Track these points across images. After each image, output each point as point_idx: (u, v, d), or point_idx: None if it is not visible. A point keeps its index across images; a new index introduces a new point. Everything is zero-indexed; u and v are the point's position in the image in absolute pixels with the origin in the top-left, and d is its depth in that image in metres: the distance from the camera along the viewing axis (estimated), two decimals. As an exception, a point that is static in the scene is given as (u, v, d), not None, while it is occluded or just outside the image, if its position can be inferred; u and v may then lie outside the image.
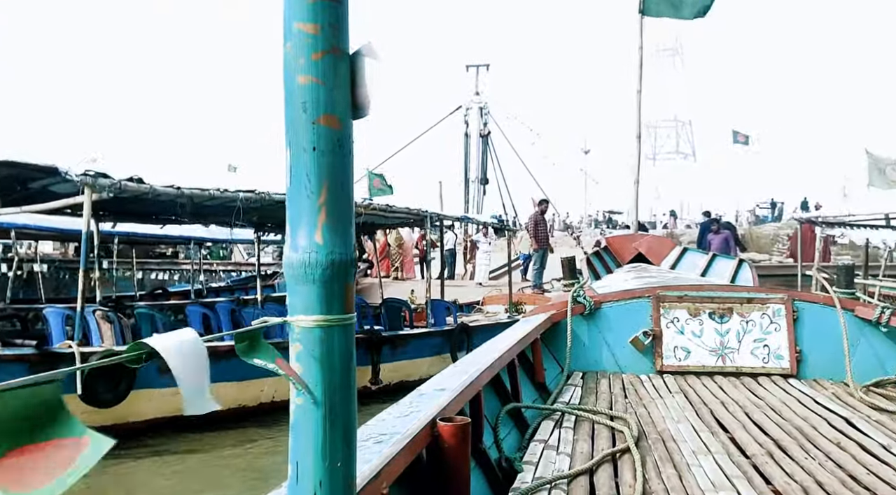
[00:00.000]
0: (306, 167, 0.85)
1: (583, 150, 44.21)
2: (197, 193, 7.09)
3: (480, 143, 30.03)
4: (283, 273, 3.98)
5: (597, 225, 42.78)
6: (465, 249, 21.58)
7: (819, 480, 2.31)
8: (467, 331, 9.45)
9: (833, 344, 3.98)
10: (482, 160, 30.11)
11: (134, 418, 6.60)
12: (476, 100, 30.02)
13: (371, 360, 8.23)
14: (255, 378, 7.25)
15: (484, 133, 29.81)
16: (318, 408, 0.85)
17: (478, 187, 29.82)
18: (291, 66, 0.85)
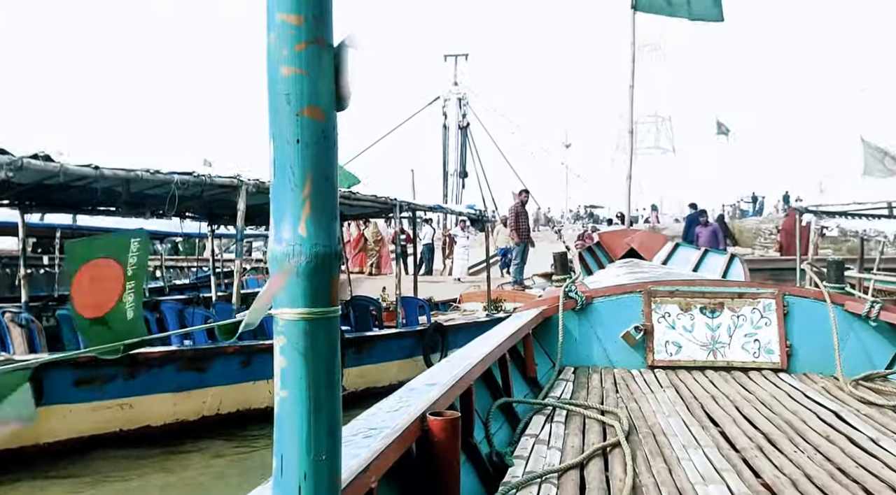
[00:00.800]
0: (290, 159, 0.84)
1: (564, 144, 43.93)
2: (121, 175, 6.04)
3: (459, 135, 29.23)
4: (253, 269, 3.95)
5: (577, 219, 42.75)
6: (443, 244, 21.10)
7: (808, 473, 2.32)
8: (441, 331, 8.72)
9: (823, 338, 4.00)
10: (461, 153, 29.31)
11: (46, 439, 5.67)
12: (454, 90, 29.16)
13: None
14: (195, 388, 6.50)
15: (462, 124, 29.00)
16: (303, 401, 0.85)
17: (457, 181, 29.03)
18: (275, 58, 0.84)
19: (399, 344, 8.42)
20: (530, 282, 13.24)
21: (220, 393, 6.70)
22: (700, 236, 14.26)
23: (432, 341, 8.55)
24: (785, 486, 2.20)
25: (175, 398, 6.38)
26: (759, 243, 24.41)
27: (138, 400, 6.11)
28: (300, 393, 0.85)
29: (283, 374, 0.86)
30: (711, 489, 2.18)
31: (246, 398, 6.92)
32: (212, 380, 6.52)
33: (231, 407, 6.81)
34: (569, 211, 45.34)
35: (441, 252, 21.05)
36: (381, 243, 19.45)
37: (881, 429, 2.85)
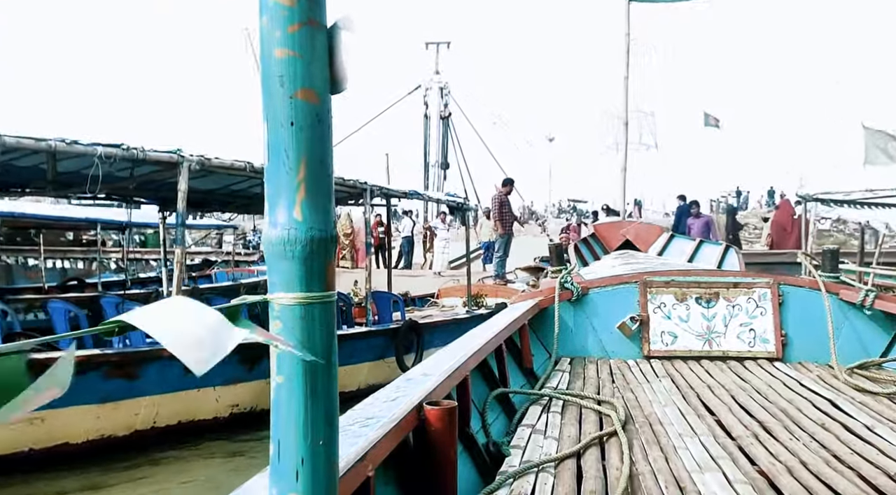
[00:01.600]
0: (284, 142, 0.83)
1: (547, 138, 43.55)
2: (26, 143, 4.98)
3: (441, 126, 28.37)
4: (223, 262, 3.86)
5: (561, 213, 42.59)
6: (424, 237, 20.47)
7: (803, 460, 2.33)
8: (416, 329, 7.83)
9: (818, 327, 4.01)
10: (442, 143, 28.47)
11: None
12: (436, 79, 28.30)
13: None
14: (125, 398, 5.52)
15: (444, 114, 28.17)
16: (300, 387, 0.84)
17: (438, 172, 28.27)
18: (267, 40, 0.83)
19: (369, 343, 7.53)
20: (512, 275, 12.69)
21: (156, 403, 5.69)
22: (692, 228, 13.89)
23: (406, 340, 7.65)
24: (780, 473, 2.21)
25: (99, 410, 5.39)
26: (744, 237, 24.43)
27: (52, 414, 5.09)
28: (297, 378, 0.84)
29: (280, 360, 0.85)
30: (707, 477, 2.18)
31: (189, 408, 5.96)
32: (146, 389, 5.61)
33: (170, 419, 5.89)
34: (552, 205, 45.11)
35: (422, 245, 20.48)
36: (355, 235, 18.48)
37: (876, 417, 2.86)
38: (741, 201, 38.63)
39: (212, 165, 6.21)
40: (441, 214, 19.51)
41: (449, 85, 28.48)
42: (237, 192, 9.02)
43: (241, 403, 6.35)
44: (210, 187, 8.40)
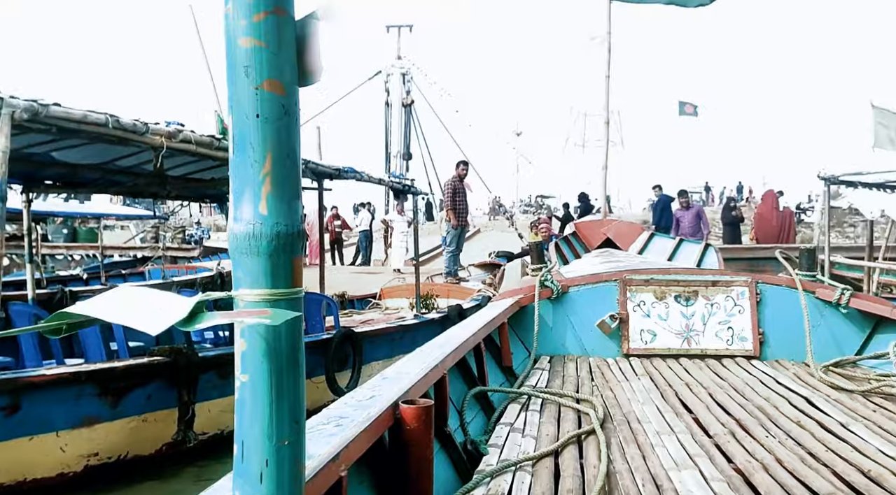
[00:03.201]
0: (249, 135, 0.81)
1: (515, 133, 43.17)
2: None
3: (403, 114, 26.84)
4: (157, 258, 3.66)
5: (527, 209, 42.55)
6: (385, 232, 19.39)
7: (779, 457, 2.34)
8: (353, 340, 6.08)
9: (795, 325, 4.05)
10: (405, 132, 26.91)
11: None
12: (398, 65, 26.70)
13: (178, 399, 4.61)
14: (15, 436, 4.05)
15: (406, 102, 26.78)
16: (264, 385, 0.82)
17: (400, 163, 26.96)
18: (232, 28, 0.81)
19: None
20: (465, 273, 11.32)
21: (50, 446, 4.17)
22: (682, 220, 12.69)
23: (340, 354, 5.94)
24: (756, 470, 2.22)
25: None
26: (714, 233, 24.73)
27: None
28: (261, 377, 0.82)
29: (244, 358, 0.83)
30: (684, 474, 2.19)
31: (17, 464, 4.08)
32: (49, 425, 4.18)
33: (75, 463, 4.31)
34: (519, 200, 44.97)
35: (383, 240, 19.39)
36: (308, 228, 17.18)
37: (850, 414, 2.89)
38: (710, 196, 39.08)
39: (53, 117, 3.90)
40: (399, 205, 18.00)
41: (411, 70, 26.95)
42: (131, 169, 6.47)
43: (101, 451, 4.38)
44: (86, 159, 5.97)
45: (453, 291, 9.26)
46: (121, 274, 12.66)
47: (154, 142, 4.41)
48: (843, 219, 25.88)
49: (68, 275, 12.40)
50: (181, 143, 4.64)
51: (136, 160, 6.06)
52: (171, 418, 4.62)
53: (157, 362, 4.51)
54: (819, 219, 10.33)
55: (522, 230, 19.80)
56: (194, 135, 4.73)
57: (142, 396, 4.48)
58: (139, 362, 4.46)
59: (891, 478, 2.12)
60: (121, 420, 4.44)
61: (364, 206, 20.14)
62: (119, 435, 4.46)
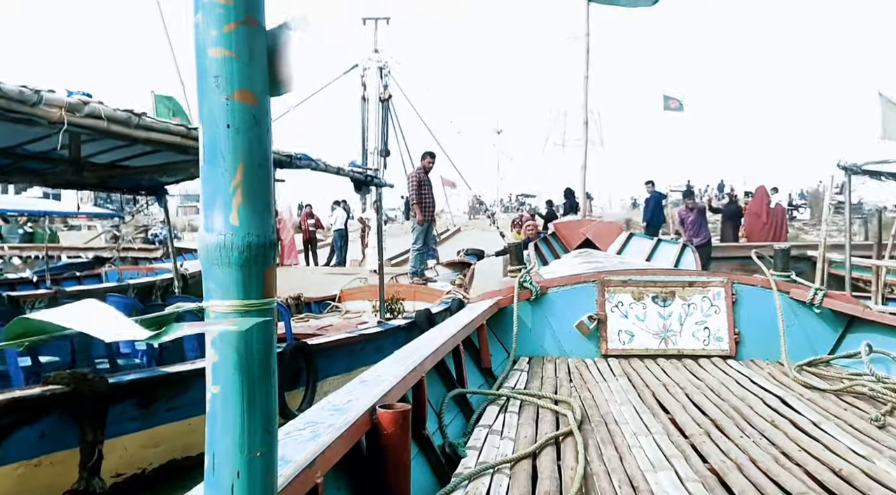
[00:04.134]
0: (220, 145, 0.81)
1: (495, 131, 42.74)
2: None
3: (381, 109, 25.68)
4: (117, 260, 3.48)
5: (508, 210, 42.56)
6: (362, 231, 18.44)
7: (753, 457, 2.37)
8: (306, 353, 5.19)
9: (769, 325, 4.10)
10: (382, 128, 25.77)
11: None
12: (375, 58, 25.51)
13: (81, 437, 3.64)
14: None
15: (384, 97, 25.57)
16: (236, 397, 0.82)
17: (378, 160, 25.59)
18: (202, 38, 0.80)
19: None
20: (432, 273, 10.54)
21: None
22: (686, 220, 12.20)
23: (290, 371, 5.10)
24: (730, 470, 2.25)
25: None
26: None
27: None
28: (233, 388, 0.82)
29: (215, 369, 0.83)
30: (660, 475, 2.21)
31: None
32: None
33: None
34: (500, 201, 44.94)
35: (360, 240, 18.44)
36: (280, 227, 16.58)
37: (823, 413, 2.94)
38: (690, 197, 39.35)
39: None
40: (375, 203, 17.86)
41: (389, 64, 25.78)
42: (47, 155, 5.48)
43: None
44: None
45: (420, 293, 8.55)
46: (75, 276, 11.59)
47: (50, 115, 3.44)
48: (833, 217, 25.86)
49: (17, 278, 11.46)
50: (88, 119, 3.58)
51: (52, 143, 4.83)
52: (71, 461, 3.61)
53: (53, 392, 3.50)
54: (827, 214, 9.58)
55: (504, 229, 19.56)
56: (105, 109, 3.66)
57: (32, 435, 3.54)
58: (27, 394, 3.47)
59: (861, 477, 2.16)
60: (4, 467, 3.52)
61: (339, 204, 19.10)
62: (1, 485, 3.58)
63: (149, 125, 4.00)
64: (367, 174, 6.66)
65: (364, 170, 6.63)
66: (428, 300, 7.99)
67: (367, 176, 6.67)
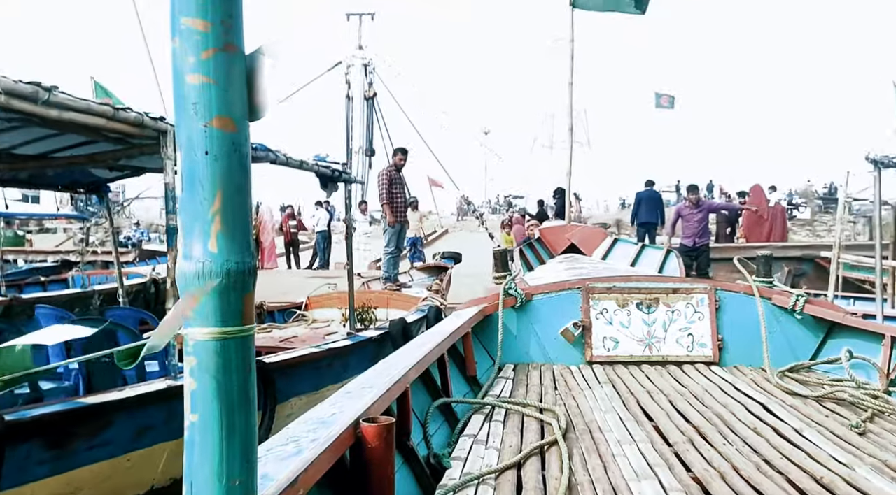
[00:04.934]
0: (199, 172, 0.80)
1: (483, 132, 42.42)
2: None
3: (365, 107, 24.74)
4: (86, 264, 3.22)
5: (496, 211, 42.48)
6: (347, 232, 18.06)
7: (736, 465, 2.39)
8: (262, 373, 4.26)
9: (752, 331, 4.14)
10: (367, 127, 24.83)
11: None
12: (359, 55, 24.64)
13: None
14: None
15: (369, 95, 24.63)
16: (215, 425, 0.81)
17: (363, 160, 24.55)
18: (180, 64, 0.80)
19: (170, 410, 3.72)
20: (406, 278, 9.88)
21: None
22: (689, 220, 10.74)
23: None
24: (713, 479, 2.27)
25: None
26: None
27: None
28: (212, 416, 0.82)
29: (194, 397, 0.82)
30: (644, 485, 2.22)
31: None
32: None
33: None
34: (487, 201, 44.84)
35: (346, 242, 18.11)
36: (260, 228, 15.89)
37: (805, 420, 2.96)
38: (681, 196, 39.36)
39: None
40: (362, 203, 17.10)
41: (374, 61, 24.78)
42: None
43: None
44: None
45: (394, 300, 7.90)
46: (40, 281, 10.88)
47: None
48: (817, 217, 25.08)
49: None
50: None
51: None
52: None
53: None
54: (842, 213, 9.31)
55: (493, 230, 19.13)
56: (3, 80, 2.80)
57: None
58: None
59: (842, 485, 2.18)
60: None
61: (322, 205, 18.22)
62: None
63: (62, 102, 3.17)
64: (335, 168, 5.88)
65: (330, 165, 5.83)
66: (402, 307, 7.40)
67: (335, 171, 5.89)
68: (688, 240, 10.84)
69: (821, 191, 31.43)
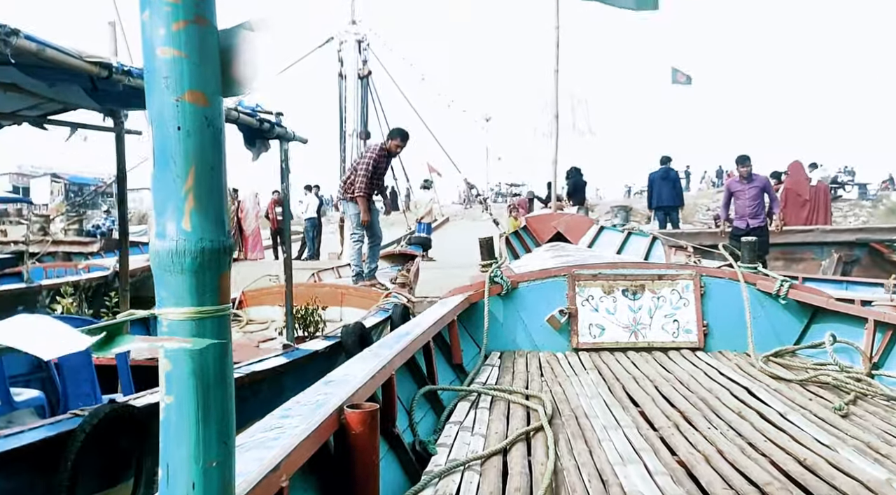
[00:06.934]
0: (171, 148, 0.79)
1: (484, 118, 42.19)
2: None
3: (359, 86, 23.26)
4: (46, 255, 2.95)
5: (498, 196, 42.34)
6: (340, 221, 16.14)
7: (720, 449, 2.40)
8: (131, 425, 2.87)
9: (737, 317, 4.16)
10: (362, 108, 23.40)
11: None
12: (352, 31, 23.01)
13: None
14: None
15: (363, 73, 23.19)
16: (191, 406, 0.80)
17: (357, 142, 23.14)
18: (150, 37, 0.78)
19: None
20: None
21: None
22: (740, 197, 9.18)
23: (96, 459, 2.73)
24: (698, 462, 2.28)
25: None
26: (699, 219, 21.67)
27: None
28: (188, 397, 0.80)
29: (168, 378, 0.80)
30: (630, 469, 2.23)
31: None
32: None
33: None
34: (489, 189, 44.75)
35: (339, 231, 16.08)
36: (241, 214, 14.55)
37: (788, 404, 2.99)
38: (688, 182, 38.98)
39: None
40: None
41: (368, 37, 23.18)
42: None
43: None
44: None
45: (350, 296, 6.47)
46: None
47: None
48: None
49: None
50: None
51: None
52: None
53: None
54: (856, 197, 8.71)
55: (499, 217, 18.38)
56: None
57: None
58: None
59: (825, 466, 2.20)
60: None
61: (311, 189, 16.75)
62: None
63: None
64: (264, 119, 4.38)
65: (258, 114, 4.34)
66: (361, 305, 6.19)
67: (265, 122, 4.38)
68: (740, 222, 9.21)
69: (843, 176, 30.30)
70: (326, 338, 4.83)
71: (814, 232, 11.39)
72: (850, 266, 11.00)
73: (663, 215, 12.71)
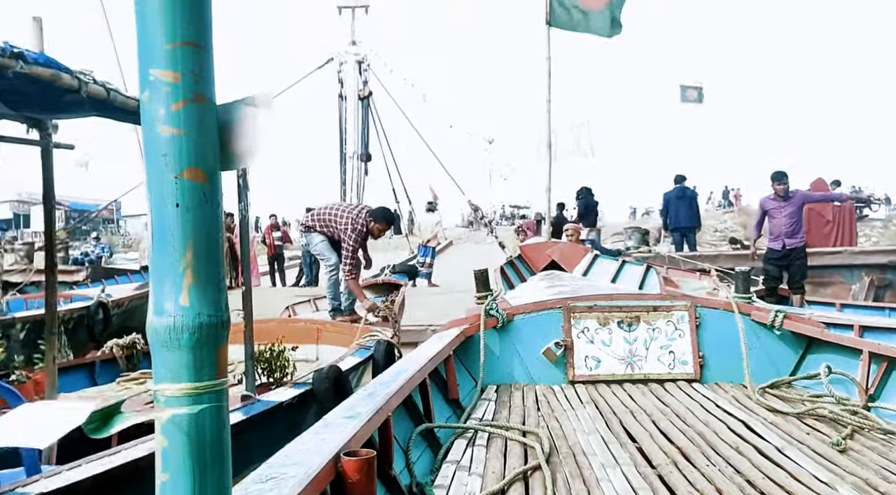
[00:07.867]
0: (169, 225, 0.79)
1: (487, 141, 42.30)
2: None
3: (360, 108, 22.80)
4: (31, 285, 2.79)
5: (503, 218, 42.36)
6: None
7: (719, 487, 2.39)
8: None
9: (732, 348, 4.16)
10: (362, 130, 22.92)
11: None
12: (352, 51, 22.67)
13: None
14: None
15: (363, 94, 22.71)
16: (186, 484, 0.79)
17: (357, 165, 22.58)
18: (150, 116, 0.79)
19: None
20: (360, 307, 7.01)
21: None
22: (776, 216, 8.70)
23: None
24: None
25: None
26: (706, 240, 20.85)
27: None
28: (184, 476, 0.80)
29: (165, 456, 0.80)
30: (628, 510, 2.21)
31: None
32: None
33: None
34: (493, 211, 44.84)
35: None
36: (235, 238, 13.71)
37: (786, 438, 2.98)
38: None
39: None
40: None
41: (368, 57, 22.78)
42: None
43: None
44: None
45: (326, 333, 5.86)
46: None
47: None
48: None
49: None
50: None
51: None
52: None
53: None
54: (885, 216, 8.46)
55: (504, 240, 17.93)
56: None
57: None
58: None
59: None
60: None
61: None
62: None
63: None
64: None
65: None
66: (339, 342, 5.68)
67: None
68: (775, 243, 8.77)
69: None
70: (295, 386, 4.34)
71: (842, 254, 10.74)
72: (882, 290, 10.33)
73: (680, 237, 12.31)
